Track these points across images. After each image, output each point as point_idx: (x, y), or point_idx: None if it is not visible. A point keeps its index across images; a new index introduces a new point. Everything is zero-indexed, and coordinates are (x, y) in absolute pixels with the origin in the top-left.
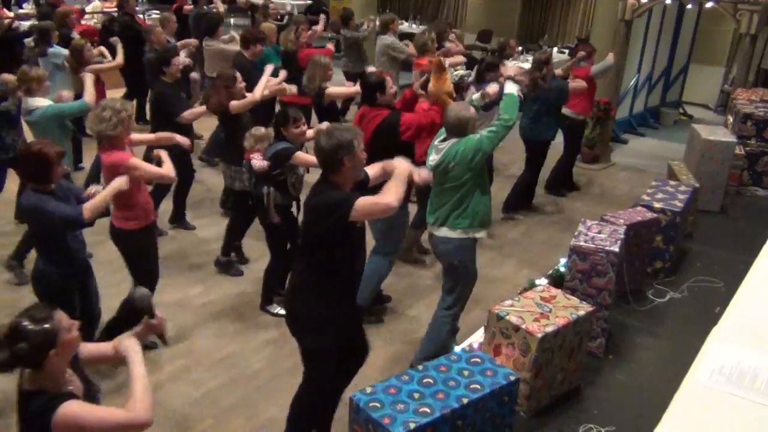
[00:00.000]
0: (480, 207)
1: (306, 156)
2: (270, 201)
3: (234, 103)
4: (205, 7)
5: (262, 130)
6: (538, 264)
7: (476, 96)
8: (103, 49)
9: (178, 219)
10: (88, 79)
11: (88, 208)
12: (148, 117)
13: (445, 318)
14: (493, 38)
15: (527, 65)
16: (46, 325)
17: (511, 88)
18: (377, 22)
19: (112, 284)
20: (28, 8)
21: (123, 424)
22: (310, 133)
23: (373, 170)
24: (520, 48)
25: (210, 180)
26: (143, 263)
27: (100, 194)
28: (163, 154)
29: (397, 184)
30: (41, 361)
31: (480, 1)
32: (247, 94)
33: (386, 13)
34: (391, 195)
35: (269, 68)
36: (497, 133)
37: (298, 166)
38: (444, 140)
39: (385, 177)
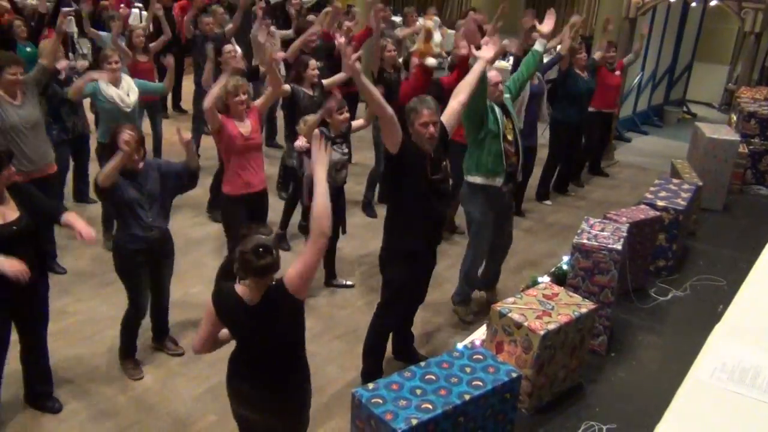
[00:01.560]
0: (476, 158)
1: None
2: (304, 183)
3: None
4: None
5: (314, 116)
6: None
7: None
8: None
9: (214, 207)
10: (170, 70)
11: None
12: (182, 106)
13: (465, 257)
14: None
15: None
16: (272, 234)
17: None
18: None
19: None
20: (33, 2)
21: (321, 247)
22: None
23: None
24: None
25: None
26: (230, 230)
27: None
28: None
29: None
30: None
31: None
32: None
33: (407, 8)
34: None
35: None
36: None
37: (336, 152)
38: None
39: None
